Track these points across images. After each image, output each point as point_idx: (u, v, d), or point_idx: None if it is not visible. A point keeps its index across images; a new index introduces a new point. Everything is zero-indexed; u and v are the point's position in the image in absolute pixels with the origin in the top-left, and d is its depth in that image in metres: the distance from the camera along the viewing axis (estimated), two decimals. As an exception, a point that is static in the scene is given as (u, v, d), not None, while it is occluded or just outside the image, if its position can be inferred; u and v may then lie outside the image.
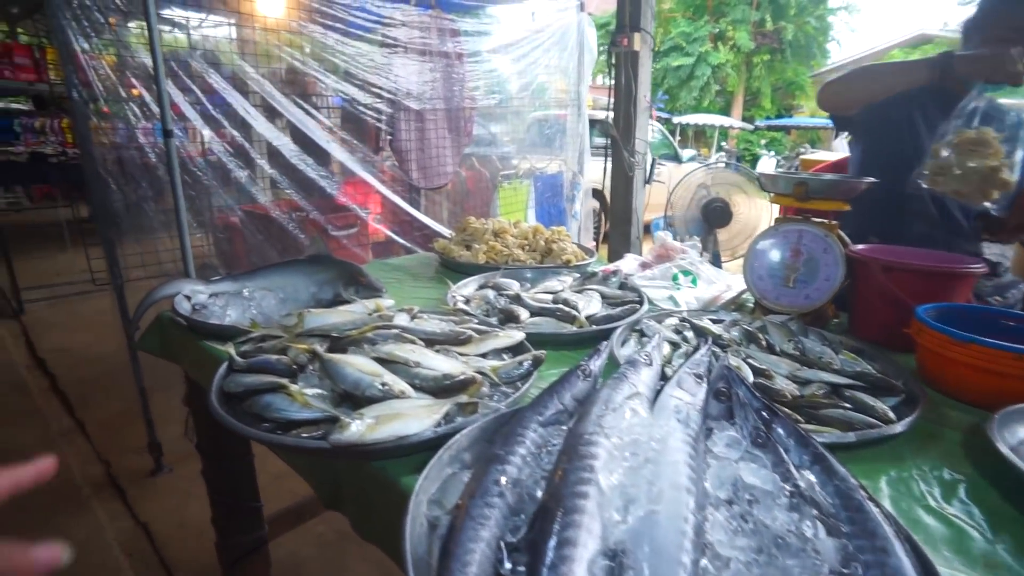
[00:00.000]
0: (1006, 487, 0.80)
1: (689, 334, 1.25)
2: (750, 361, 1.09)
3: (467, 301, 1.48)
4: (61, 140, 6.70)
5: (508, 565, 0.55)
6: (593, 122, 4.48)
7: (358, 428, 0.74)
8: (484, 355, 1.10)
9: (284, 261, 1.64)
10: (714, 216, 2.59)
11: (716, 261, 2.96)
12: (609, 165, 3.36)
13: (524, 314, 1.34)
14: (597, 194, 5.31)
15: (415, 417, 0.80)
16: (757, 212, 2.86)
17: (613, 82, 3.32)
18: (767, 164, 16.28)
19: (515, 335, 1.14)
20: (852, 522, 0.62)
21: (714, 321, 1.33)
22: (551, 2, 3.95)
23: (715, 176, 2.79)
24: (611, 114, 3.49)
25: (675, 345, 1.19)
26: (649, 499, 0.59)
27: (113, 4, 2.00)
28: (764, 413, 0.81)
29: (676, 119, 17.94)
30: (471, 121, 3.33)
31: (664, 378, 0.95)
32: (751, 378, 1.03)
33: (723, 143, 19.23)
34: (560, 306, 1.37)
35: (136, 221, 2.28)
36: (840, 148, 14.44)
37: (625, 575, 0.52)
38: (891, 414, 0.95)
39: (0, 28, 5.70)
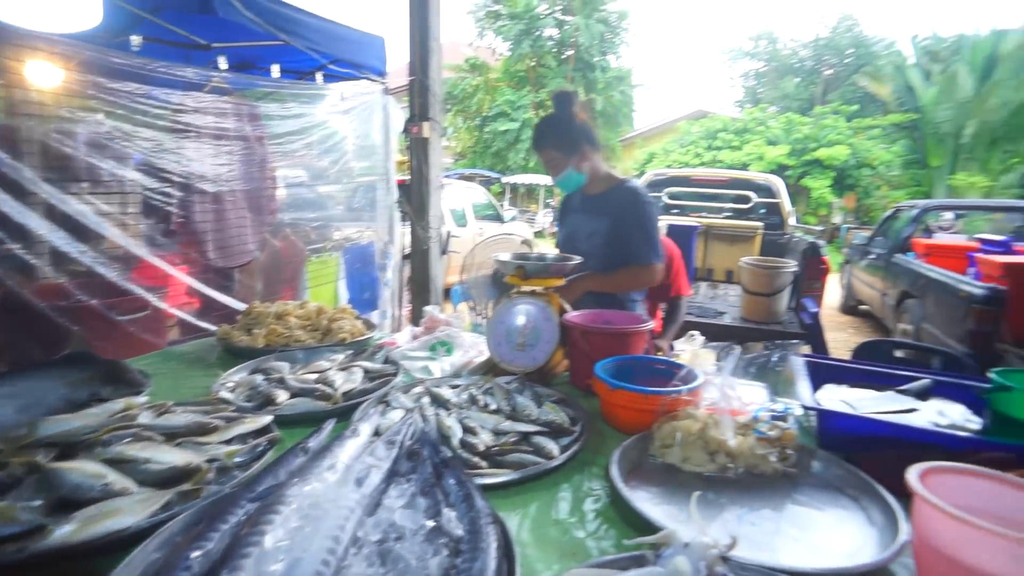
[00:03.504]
0: (616, 498, 1.12)
1: (426, 400, 1.48)
2: (465, 421, 1.35)
3: (234, 388, 1.57)
4: None
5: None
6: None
7: (61, 532, 0.83)
8: (229, 441, 1.22)
9: (36, 364, 1.60)
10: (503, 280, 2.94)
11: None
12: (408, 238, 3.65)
13: (282, 396, 1.47)
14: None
15: (130, 512, 0.91)
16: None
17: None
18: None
19: (261, 420, 1.28)
20: (470, 541, 0.86)
21: (454, 387, 1.59)
22: (355, 85, 4.26)
23: (500, 243, 3.17)
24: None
25: (410, 411, 1.41)
26: (301, 549, 0.78)
27: None
28: (440, 466, 1.05)
29: (505, 179, 19.37)
30: (273, 200, 3.42)
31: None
32: (459, 435, 1.28)
33: (549, 200, 21.06)
34: (319, 385, 1.53)
35: None
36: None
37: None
38: (556, 451, 1.25)
39: None
